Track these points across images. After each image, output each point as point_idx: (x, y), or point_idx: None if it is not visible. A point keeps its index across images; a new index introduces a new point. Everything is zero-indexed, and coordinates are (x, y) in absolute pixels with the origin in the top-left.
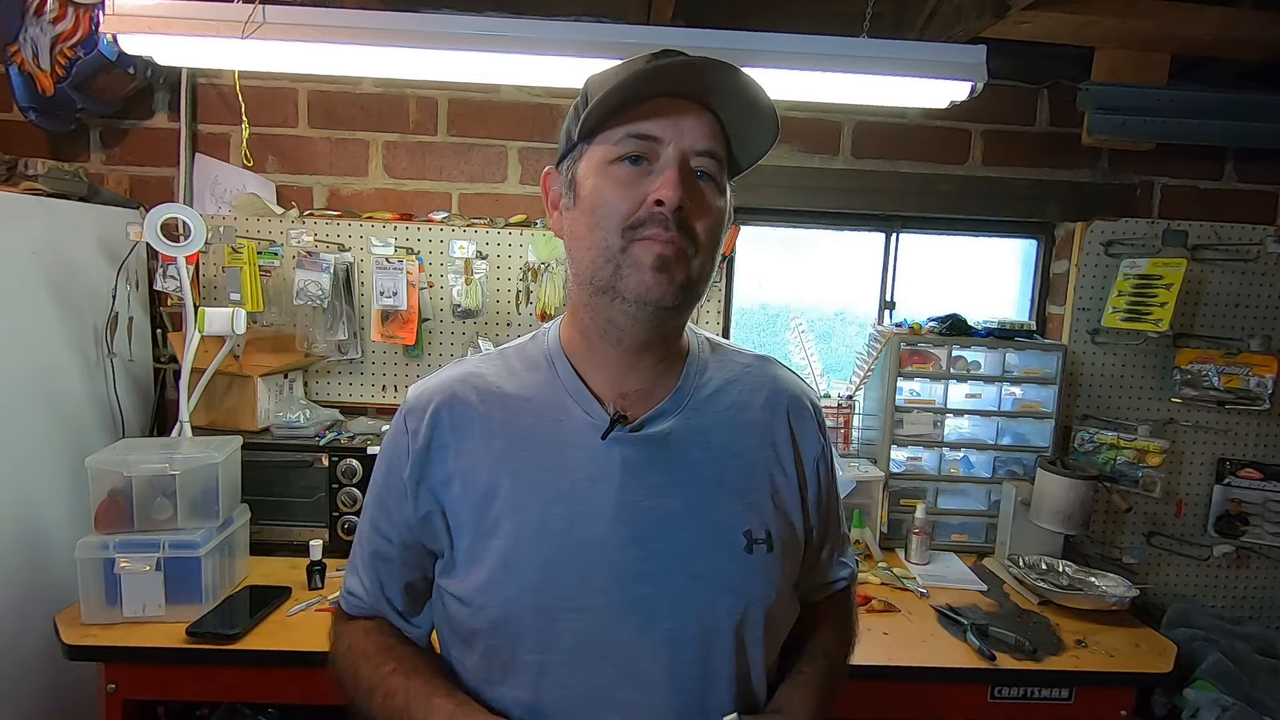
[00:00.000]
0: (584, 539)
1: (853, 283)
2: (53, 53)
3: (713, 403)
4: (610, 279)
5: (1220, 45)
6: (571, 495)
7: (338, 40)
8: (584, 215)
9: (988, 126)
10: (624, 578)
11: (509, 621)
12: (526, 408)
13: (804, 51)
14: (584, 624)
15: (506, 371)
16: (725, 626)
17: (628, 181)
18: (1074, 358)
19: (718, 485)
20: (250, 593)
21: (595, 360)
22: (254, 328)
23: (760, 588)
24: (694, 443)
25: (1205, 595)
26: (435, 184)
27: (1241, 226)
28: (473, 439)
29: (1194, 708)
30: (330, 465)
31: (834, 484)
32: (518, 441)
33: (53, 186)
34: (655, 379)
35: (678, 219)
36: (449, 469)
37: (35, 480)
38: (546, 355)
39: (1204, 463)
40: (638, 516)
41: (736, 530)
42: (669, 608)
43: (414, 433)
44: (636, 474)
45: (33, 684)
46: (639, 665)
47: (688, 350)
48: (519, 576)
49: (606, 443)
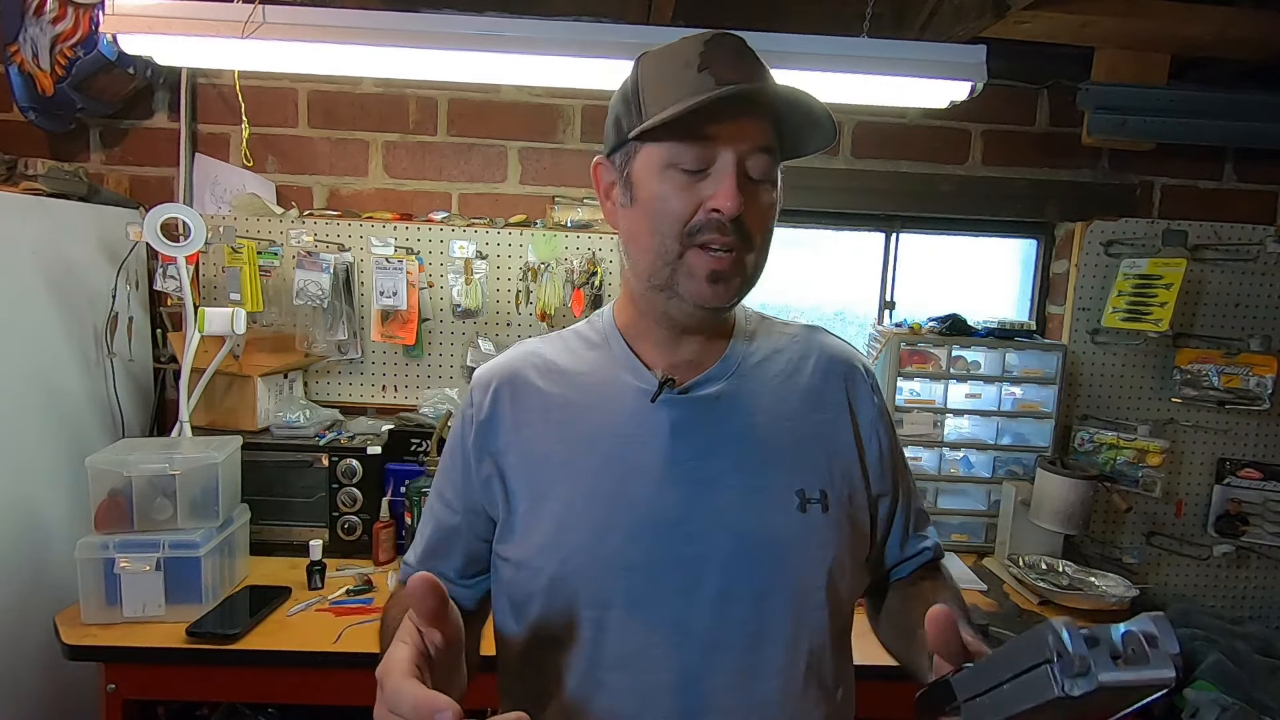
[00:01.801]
0: (633, 499)
1: (853, 283)
2: (53, 53)
3: (761, 369)
4: (667, 280)
5: (1220, 45)
6: (621, 458)
7: (338, 40)
8: (643, 218)
9: (988, 126)
10: (672, 537)
11: (565, 581)
12: (581, 380)
13: (804, 51)
14: (635, 582)
15: (564, 349)
16: (780, 585)
17: (685, 186)
18: (1074, 358)
19: (767, 447)
20: (250, 593)
21: (647, 336)
22: (254, 328)
23: (817, 548)
24: (743, 406)
25: (1205, 595)
26: (435, 184)
27: (1241, 226)
28: (530, 411)
29: (1194, 708)
30: (330, 465)
31: (897, 450)
32: (572, 411)
33: (53, 186)
34: (704, 350)
35: (735, 225)
36: (508, 439)
37: (35, 480)
38: (601, 333)
39: (1204, 463)
40: (685, 476)
41: (788, 490)
42: (717, 567)
43: (478, 405)
44: (684, 435)
45: (33, 684)
46: (690, 624)
47: (734, 322)
48: (572, 537)
49: (655, 406)
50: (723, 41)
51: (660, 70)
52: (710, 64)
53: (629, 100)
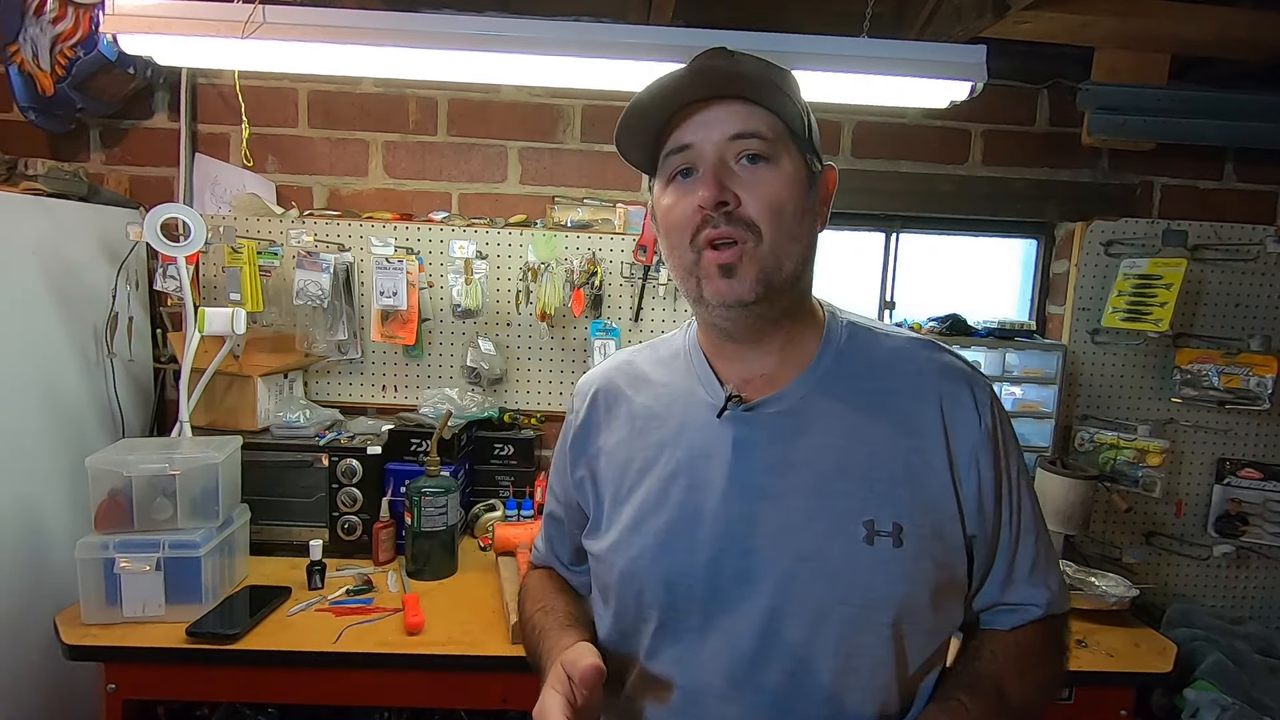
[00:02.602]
0: (696, 511)
1: (853, 283)
2: (53, 53)
3: (846, 387)
4: (696, 290)
5: (1220, 45)
6: (689, 470)
7: (338, 40)
8: (664, 239)
9: (988, 126)
10: (730, 551)
11: (633, 578)
12: (663, 391)
13: (804, 51)
14: (693, 591)
15: (654, 360)
16: (834, 614)
17: (683, 195)
18: (1074, 358)
19: (839, 470)
20: (250, 593)
21: (720, 351)
22: (254, 328)
23: (883, 584)
24: (817, 426)
25: (1205, 595)
26: (435, 184)
27: (1241, 226)
28: (619, 418)
29: (1194, 708)
30: (330, 465)
31: (1007, 482)
32: (653, 420)
33: (53, 186)
34: (782, 363)
35: (726, 215)
36: (600, 443)
37: (35, 480)
38: (685, 346)
39: (1204, 463)
40: (748, 493)
41: (856, 519)
42: (772, 585)
43: (576, 412)
44: (748, 452)
45: (33, 684)
46: (740, 637)
47: (823, 334)
48: (641, 540)
49: (721, 421)
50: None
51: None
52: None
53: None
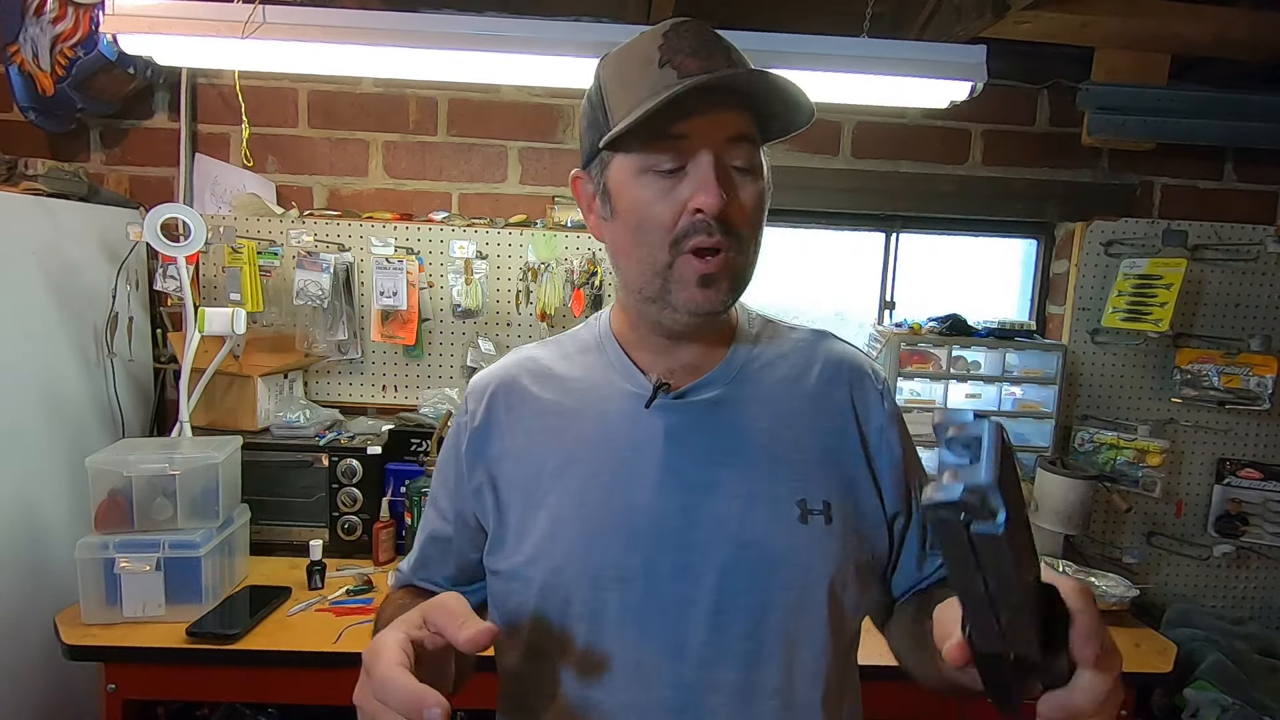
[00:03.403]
0: (627, 507)
1: (853, 283)
2: (53, 53)
3: (764, 374)
4: (659, 291)
5: (1220, 45)
6: (614, 465)
7: (338, 40)
8: (626, 230)
9: (988, 126)
10: (668, 546)
11: (556, 592)
12: (576, 387)
13: (804, 51)
14: (629, 594)
15: (560, 355)
16: (778, 601)
17: (665, 191)
18: (1074, 358)
19: (769, 455)
20: (250, 593)
21: (643, 344)
22: (254, 328)
23: (818, 561)
24: (743, 412)
25: (1205, 595)
26: (435, 184)
27: (1241, 226)
28: (525, 418)
29: (1194, 708)
30: (330, 465)
31: (912, 458)
32: (566, 418)
33: (53, 186)
34: (703, 354)
35: (719, 223)
36: (503, 446)
37: (35, 480)
38: (597, 339)
39: (1204, 463)
40: (683, 484)
41: (789, 500)
42: (715, 579)
43: (472, 413)
44: (680, 441)
45: (33, 684)
46: (686, 638)
47: (736, 325)
48: (563, 546)
49: (650, 411)
50: (681, 31)
51: (621, 71)
52: (671, 57)
53: (595, 108)
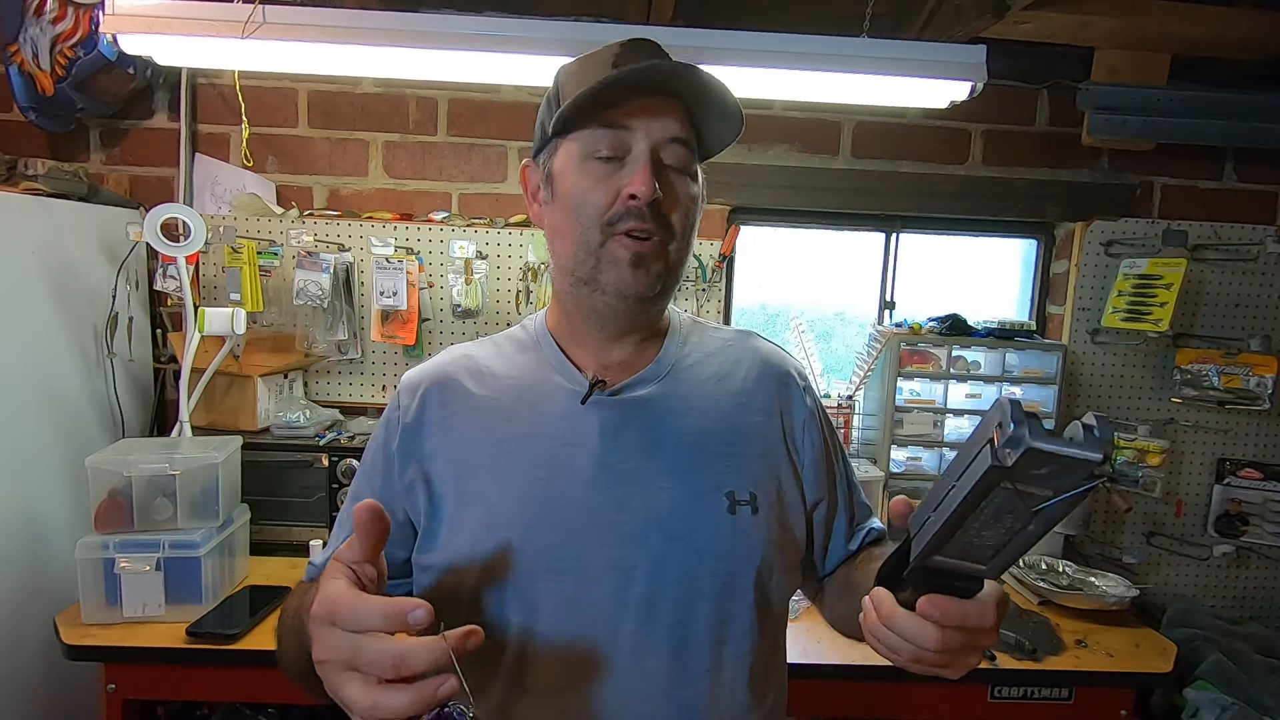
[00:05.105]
0: (563, 501)
1: (853, 283)
2: (53, 53)
3: (694, 372)
4: (591, 272)
5: (1220, 45)
6: (550, 460)
7: (338, 40)
8: (563, 211)
9: (988, 126)
10: (602, 539)
11: (490, 586)
12: (512, 384)
13: (804, 51)
14: (564, 586)
15: (496, 354)
16: (707, 589)
17: (602, 177)
18: (1074, 358)
19: (699, 449)
20: (250, 593)
21: (579, 339)
22: (254, 328)
23: (745, 550)
24: (674, 408)
25: (1205, 595)
26: (435, 184)
27: (1241, 226)
28: (459, 415)
29: (1194, 708)
30: (330, 465)
31: (834, 450)
32: (502, 415)
33: (53, 186)
34: (637, 353)
35: (652, 211)
36: (436, 443)
37: (35, 480)
38: (533, 337)
39: (1204, 463)
40: (616, 478)
41: (718, 491)
42: (648, 569)
43: (405, 409)
44: (615, 437)
45: (33, 684)
46: (619, 627)
47: (669, 326)
48: (498, 540)
49: (585, 407)
50: (640, 44)
51: (577, 74)
52: (623, 62)
53: (549, 102)
